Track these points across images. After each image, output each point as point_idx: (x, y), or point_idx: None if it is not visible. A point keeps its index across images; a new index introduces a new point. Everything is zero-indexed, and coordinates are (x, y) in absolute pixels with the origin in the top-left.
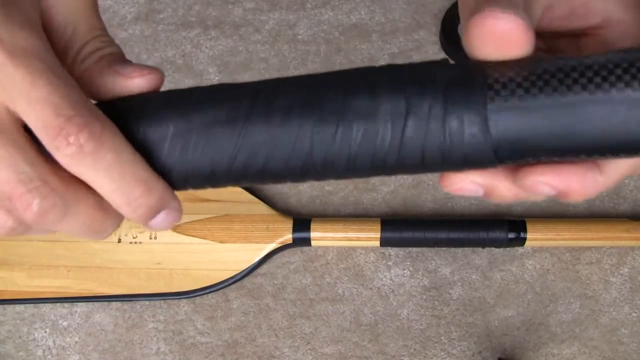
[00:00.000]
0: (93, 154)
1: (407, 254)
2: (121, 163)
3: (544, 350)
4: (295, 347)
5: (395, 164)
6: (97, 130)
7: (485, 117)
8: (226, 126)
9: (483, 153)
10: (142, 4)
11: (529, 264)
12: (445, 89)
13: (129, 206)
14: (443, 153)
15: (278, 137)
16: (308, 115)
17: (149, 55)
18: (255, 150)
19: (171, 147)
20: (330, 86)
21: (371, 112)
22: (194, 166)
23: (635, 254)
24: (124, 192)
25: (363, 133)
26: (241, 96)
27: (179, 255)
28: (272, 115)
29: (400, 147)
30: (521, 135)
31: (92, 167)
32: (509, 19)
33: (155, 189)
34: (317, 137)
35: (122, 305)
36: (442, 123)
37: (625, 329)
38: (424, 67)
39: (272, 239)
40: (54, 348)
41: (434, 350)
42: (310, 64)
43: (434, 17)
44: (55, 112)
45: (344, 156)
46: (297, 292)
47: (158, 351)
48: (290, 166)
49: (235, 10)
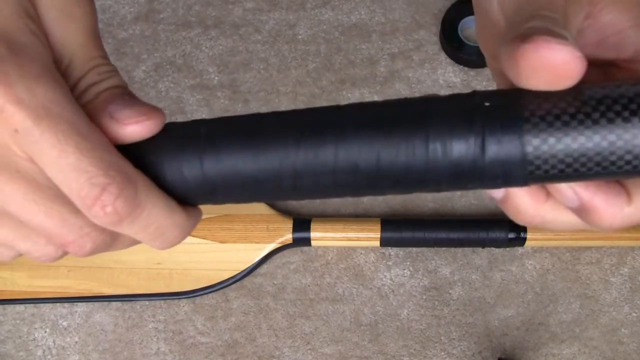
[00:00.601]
0: (130, 217)
1: (407, 254)
2: (157, 217)
3: (544, 350)
4: (295, 347)
5: (435, 183)
6: (132, 194)
7: (523, 146)
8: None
9: (517, 179)
10: (142, 4)
11: (529, 264)
12: (485, 118)
13: (161, 245)
14: (475, 174)
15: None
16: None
17: (149, 55)
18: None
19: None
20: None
21: (418, 136)
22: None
23: (635, 254)
24: (157, 237)
25: (413, 152)
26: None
27: (179, 255)
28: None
29: (440, 168)
30: (556, 166)
31: (129, 225)
32: (565, 50)
33: (189, 228)
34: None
35: (122, 305)
36: (480, 150)
37: (625, 329)
38: (465, 97)
39: (272, 239)
40: (54, 348)
41: (434, 350)
42: (310, 64)
43: (434, 17)
44: (89, 181)
45: (392, 175)
46: (297, 292)
47: (158, 351)
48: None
49: (235, 10)
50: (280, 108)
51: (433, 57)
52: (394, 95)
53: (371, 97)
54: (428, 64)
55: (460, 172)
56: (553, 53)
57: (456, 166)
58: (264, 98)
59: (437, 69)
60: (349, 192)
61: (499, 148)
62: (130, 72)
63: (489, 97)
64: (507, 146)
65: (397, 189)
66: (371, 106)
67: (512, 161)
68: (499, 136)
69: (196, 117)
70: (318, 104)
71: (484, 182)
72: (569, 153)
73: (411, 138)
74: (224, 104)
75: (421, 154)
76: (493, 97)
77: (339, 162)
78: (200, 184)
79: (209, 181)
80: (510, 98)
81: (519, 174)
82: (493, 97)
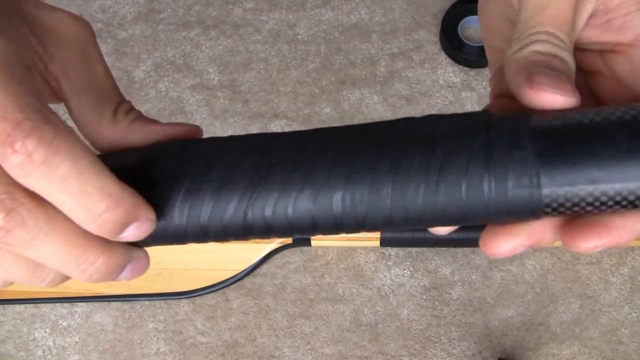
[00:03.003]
0: (45, 163)
1: (407, 254)
2: (80, 173)
3: (544, 350)
4: (295, 347)
5: (442, 216)
6: (49, 135)
7: (537, 174)
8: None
9: (531, 207)
10: (142, 4)
11: (529, 264)
12: (494, 140)
13: (93, 223)
14: (489, 207)
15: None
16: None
17: (149, 55)
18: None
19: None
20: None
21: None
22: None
23: (635, 254)
24: (86, 208)
25: (421, 189)
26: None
27: (179, 255)
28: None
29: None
30: (571, 188)
31: (45, 178)
32: (563, 98)
33: (122, 201)
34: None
35: (122, 305)
36: (493, 176)
37: (625, 329)
38: (469, 117)
39: (272, 239)
40: (54, 348)
41: (434, 350)
42: (310, 64)
43: (434, 17)
44: (2, 115)
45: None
46: (297, 292)
47: (158, 351)
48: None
49: (235, 10)
50: (280, 108)
51: (433, 57)
52: (394, 95)
53: (371, 97)
54: (428, 64)
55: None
56: (552, 98)
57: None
58: (264, 98)
59: (437, 69)
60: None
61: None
62: (130, 72)
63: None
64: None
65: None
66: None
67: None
68: (510, 163)
69: (196, 117)
70: (318, 104)
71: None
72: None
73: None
74: (224, 104)
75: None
76: (500, 119)
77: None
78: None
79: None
80: (517, 119)
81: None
82: (500, 119)
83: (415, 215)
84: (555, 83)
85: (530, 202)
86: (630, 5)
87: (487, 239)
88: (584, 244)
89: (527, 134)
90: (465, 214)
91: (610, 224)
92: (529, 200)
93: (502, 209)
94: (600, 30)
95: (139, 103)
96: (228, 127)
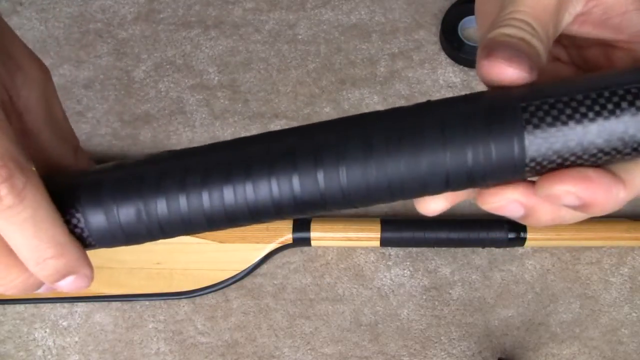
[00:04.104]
0: (11, 207)
1: (407, 254)
2: (37, 222)
3: (544, 350)
4: (295, 347)
5: (434, 184)
6: (20, 184)
7: (522, 139)
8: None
9: (514, 169)
10: (142, 4)
11: (529, 264)
12: (485, 116)
13: (36, 265)
14: (472, 171)
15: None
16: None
17: (149, 55)
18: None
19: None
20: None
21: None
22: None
23: (635, 254)
24: (34, 250)
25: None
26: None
27: (179, 255)
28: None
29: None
30: (555, 151)
31: (7, 219)
32: (516, 72)
33: (68, 254)
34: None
35: (122, 305)
36: (480, 144)
37: (625, 329)
38: (461, 99)
39: (272, 239)
40: (54, 348)
41: (434, 350)
42: (310, 64)
43: (434, 17)
44: None
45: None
46: (297, 292)
47: (158, 351)
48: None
49: (235, 10)
50: (280, 108)
51: (433, 57)
52: (394, 95)
53: (371, 97)
54: (428, 64)
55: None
56: (504, 70)
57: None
58: (264, 98)
59: (437, 69)
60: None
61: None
62: (130, 72)
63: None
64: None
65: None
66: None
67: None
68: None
69: (196, 117)
70: (318, 104)
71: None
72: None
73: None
74: (224, 104)
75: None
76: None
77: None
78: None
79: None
80: (503, 94)
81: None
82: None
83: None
84: (511, 57)
85: (517, 163)
86: (628, 4)
87: (482, 195)
88: (558, 186)
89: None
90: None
91: (586, 174)
92: (515, 161)
93: (488, 171)
94: (598, 28)
95: (139, 103)
96: (228, 127)
